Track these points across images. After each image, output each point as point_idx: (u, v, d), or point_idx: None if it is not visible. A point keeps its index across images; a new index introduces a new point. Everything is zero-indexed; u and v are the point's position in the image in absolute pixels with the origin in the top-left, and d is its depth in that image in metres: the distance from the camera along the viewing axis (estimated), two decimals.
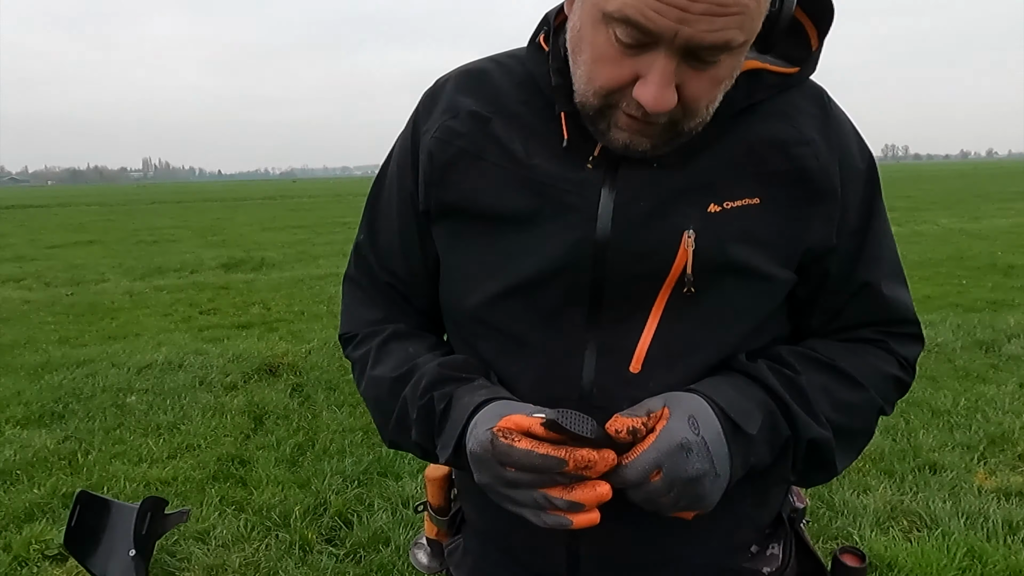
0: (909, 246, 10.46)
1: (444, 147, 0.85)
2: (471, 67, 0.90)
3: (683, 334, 0.79)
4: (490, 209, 0.83)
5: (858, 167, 0.85)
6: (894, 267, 0.89)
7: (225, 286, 8.45)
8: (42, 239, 14.71)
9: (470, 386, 0.81)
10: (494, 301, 0.83)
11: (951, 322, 5.75)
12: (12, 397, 4.42)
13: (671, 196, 0.78)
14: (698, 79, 0.71)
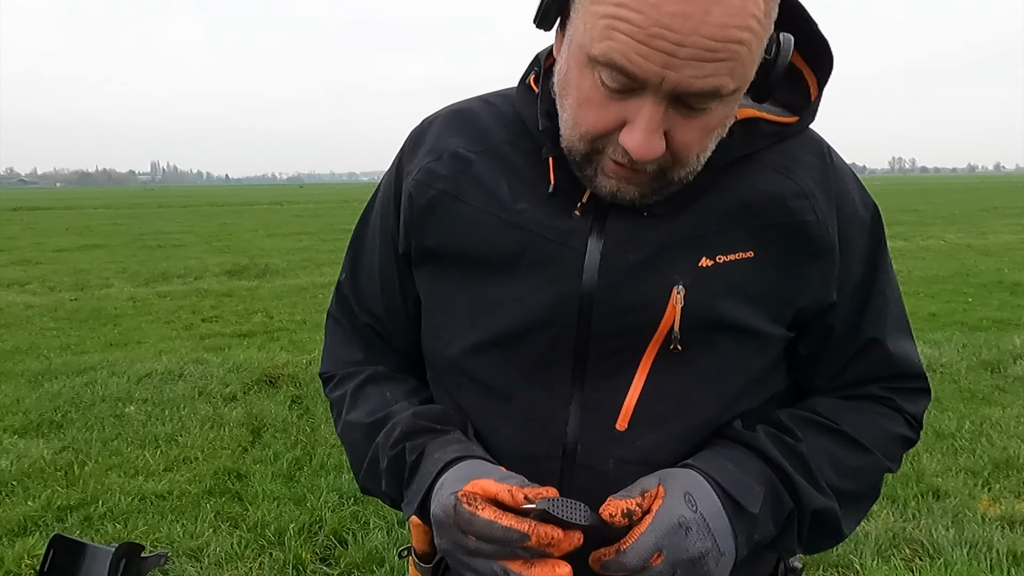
0: (915, 261, 10.41)
1: (424, 190, 0.83)
2: (459, 106, 0.88)
3: (671, 392, 0.77)
4: (471, 255, 0.80)
5: (861, 219, 0.82)
6: (900, 320, 0.86)
7: (228, 293, 8.45)
8: (48, 242, 14.75)
9: (443, 440, 0.78)
10: (475, 352, 0.81)
11: (956, 341, 5.70)
12: (11, 405, 4.41)
13: (661, 248, 0.76)
14: (687, 127, 0.68)
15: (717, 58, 0.63)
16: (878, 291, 0.83)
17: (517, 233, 0.78)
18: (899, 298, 0.87)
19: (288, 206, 31.71)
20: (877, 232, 0.84)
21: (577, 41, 0.69)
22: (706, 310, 0.75)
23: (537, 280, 0.77)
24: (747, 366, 0.79)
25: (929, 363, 5.10)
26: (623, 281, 0.75)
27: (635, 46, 0.63)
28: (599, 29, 0.65)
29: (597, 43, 0.66)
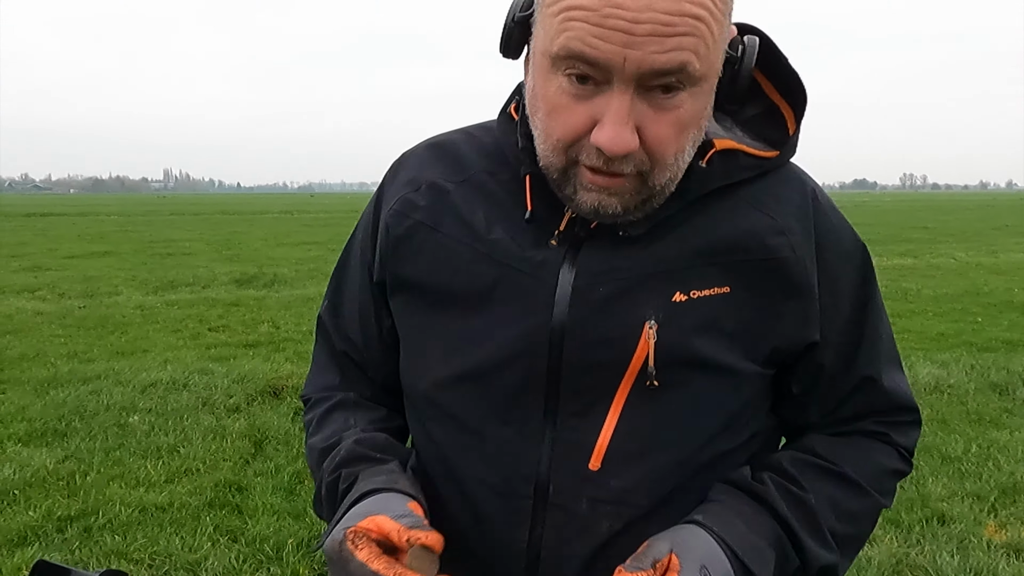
0: (924, 280, 10.35)
1: (401, 220, 0.83)
2: (439, 139, 0.89)
3: (645, 430, 0.75)
4: (444, 286, 0.80)
5: (848, 257, 0.82)
6: (892, 354, 0.86)
7: (236, 302, 8.48)
8: (60, 248, 14.86)
9: (375, 470, 0.78)
10: (447, 385, 0.80)
11: (964, 362, 5.65)
12: (17, 412, 4.43)
13: (634, 282, 0.74)
14: (659, 121, 0.67)
15: (676, 32, 0.63)
16: (871, 328, 0.83)
17: (489, 265, 0.77)
18: (890, 331, 0.86)
19: (298, 215, 31.86)
20: (865, 270, 0.83)
21: (539, 49, 0.70)
22: (679, 346, 0.74)
23: (508, 313, 0.76)
24: (723, 404, 0.78)
25: (936, 384, 5.06)
26: (594, 315, 0.74)
27: (591, 29, 0.63)
28: (556, 26, 0.65)
29: (556, 40, 0.65)
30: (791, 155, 0.81)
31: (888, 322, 0.87)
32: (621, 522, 0.75)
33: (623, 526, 0.75)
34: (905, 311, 8.12)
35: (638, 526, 0.75)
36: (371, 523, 0.68)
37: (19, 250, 14.43)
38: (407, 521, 0.69)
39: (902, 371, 0.87)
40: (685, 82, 0.66)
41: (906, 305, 8.48)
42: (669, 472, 0.76)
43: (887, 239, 17.63)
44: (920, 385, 5.04)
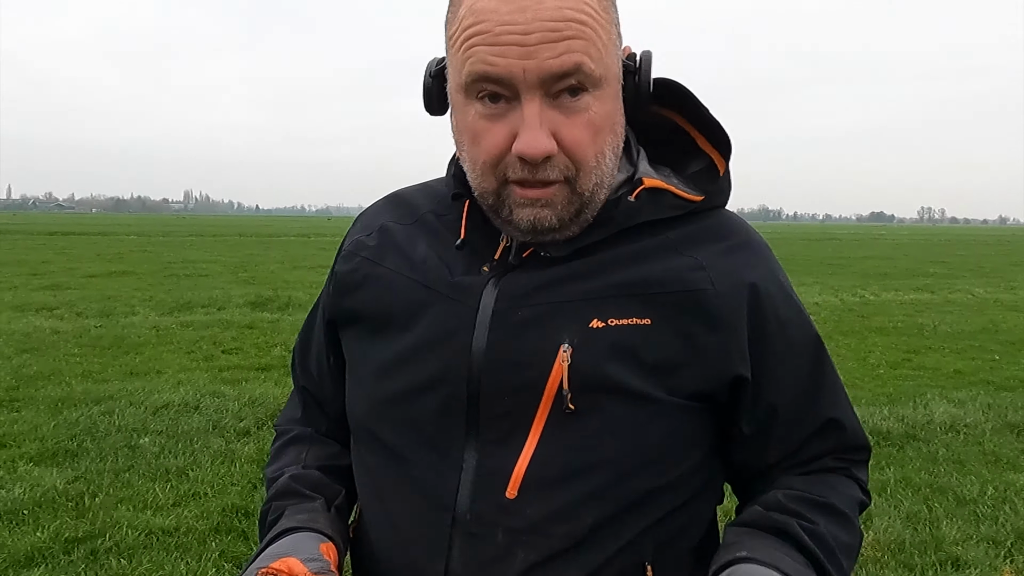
0: (941, 316, 10.24)
1: (351, 258, 0.89)
2: (398, 191, 0.95)
3: (562, 458, 0.74)
4: (382, 315, 0.83)
5: (786, 298, 0.83)
6: (844, 393, 0.88)
7: (250, 325, 8.54)
8: (80, 268, 15.05)
9: (299, 507, 0.82)
10: (377, 411, 0.82)
11: (981, 401, 5.58)
12: (29, 432, 4.47)
13: (554, 307, 0.76)
14: (571, 124, 0.71)
15: (564, 36, 0.68)
16: (825, 371, 0.85)
17: (420, 291, 0.81)
18: (836, 371, 0.88)
19: (315, 239, 32.14)
20: (802, 314, 0.85)
21: (453, 88, 0.75)
22: (594, 370, 0.73)
23: (433, 337, 0.78)
24: (642, 434, 0.76)
25: (952, 423, 4.99)
26: (511, 338, 0.75)
27: (489, 49, 0.69)
28: (461, 58, 0.71)
29: (462, 70, 0.71)
30: (719, 200, 0.84)
31: (833, 364, 0.89)
32: (537, 554, 0.73)
33: (540, 559, 0.73)
34: (921, 347, 8.03)
35: (557, 562, 0.74)
36: (282, 564, 0.71)
37: (40, 268, 14.64)
38: (315, 566, 0.72)
39: (853, 409, 0.89)
40: (586, 83, 0.71)
41: (922, 341, 8.40)
42: (584, 503, 0.74)
43: (904, 273, 17.50)
44: (936, 424, 4.97)
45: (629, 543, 0.75)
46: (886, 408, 5.35)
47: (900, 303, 11.75)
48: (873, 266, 19.91)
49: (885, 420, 5.02)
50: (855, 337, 8.58)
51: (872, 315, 10.29)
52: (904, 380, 6.48)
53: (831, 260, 22.32)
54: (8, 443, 4.28)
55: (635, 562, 0.76)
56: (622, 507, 0.75)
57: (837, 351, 7.75)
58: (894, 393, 5.90)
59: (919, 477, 4.04)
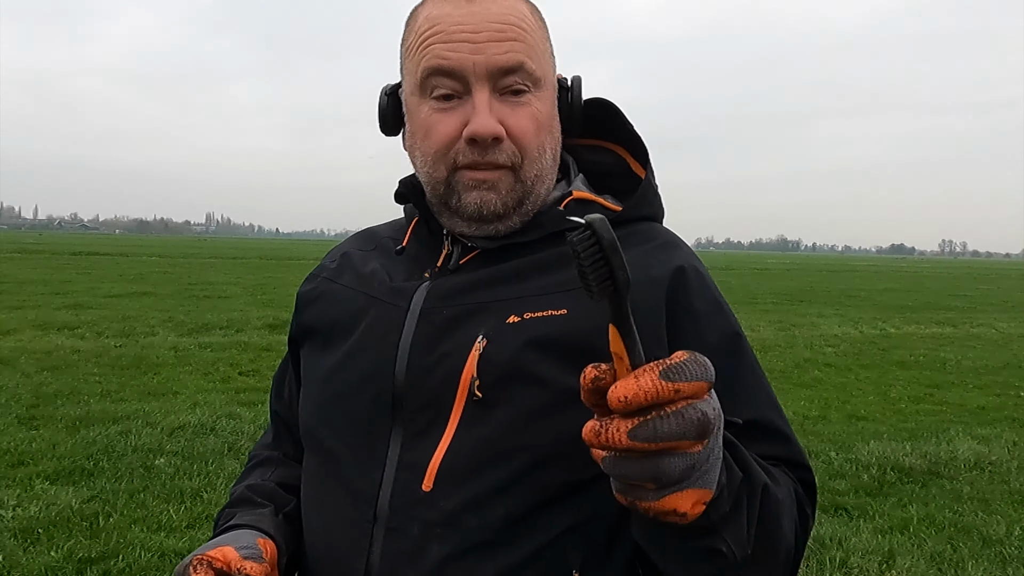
0: (963, 350, 10.09)
1: (311, 280, 0.96)
2: (368, 228, 1.04)
3: (476, 449, 0.74)
4: (328, 326, 0.88)
5: (699, 292, 0.81)
6: (770, 398, 0.81)
7: (267, 347, 8.58)
8: (101, 287, 15.24)
9: (251, 512, 0.86)
10: (317, 415, 0.85)
11: (1007, 438, 5.47)
12: (47, 450, 4.49)
13: (477, 307, 0.79)
14: (517, 115, 0.79)
15: (508, 37, 0.78)
16: (747, 369, 0.80)
17: (362, 299, 0.86)
18: (760, 371, 0.83)
19: None
20: (724, 309, 0.83)
21: (408, 93, 0.83)
22: (506, 360, 0.74)
23: (368, 339, 0.82)
24: (557, 424, 0.73)
25: (977, 460, 4.89)
26: (434, 336, 0.78)
27: (443, 46, 0.78)
28: (417, 58, 0.80)
29: (419, 68, 0.79)
30: (645, 211, 0.88)
31: (766, 380, 0.82)
32: (451, 547, 0.73)
33: (454, 552, 0.72)
34: (943, 382, 7.90)
35: (472, 556, 0.72)
36: (218, 552, 0.74)
37: (63, 287, 14.83)
38: (246, 552, 0.75)
39: (784, 418, 0.81)
40: (528, 82, 0.79)
41: (944, 376, 8.27)
42: (497, 494, 0.73)
43: (925, 307, 17.29)
44: (959, 461, 4.87)
45: (550, 544, 0.73)
46: (908, 444, 5.26)
47: (921, 336, 11.59)
48: (893, 299, 19.69)
49: (907, 456, 4.93)
50: (876, 370, 8.47)
51: (893, 348, 10.16)
52: (926, 415, 6.37)
53: (851, 292, 22.10)
54: (26, 460, 4.31)
55: (560, 567, 0.73)
56: (538, 500, 0.73)
57: (857, 384, 7.65)
58: (916, 428, 5.80)
59: (943, 516, 3.95)
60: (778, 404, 0.83)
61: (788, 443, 0.80)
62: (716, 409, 0.56)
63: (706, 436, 0.54)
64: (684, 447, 0.53)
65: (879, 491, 4.34)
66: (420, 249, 0.89)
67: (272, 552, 0.79)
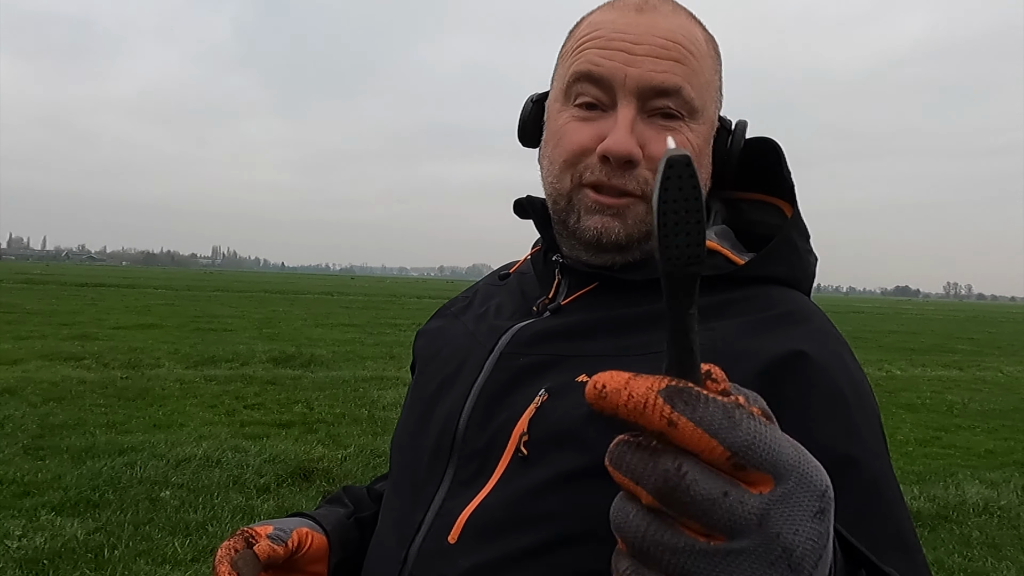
0: (970, 394, 10.04)
1: (442, 312, 0.96)
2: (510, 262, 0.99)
3: (504, 508, 0.68)
4: (430, 359, 0.87)
5: (828, 377, 0.66)
6: (902, 537, 0.62)
7: (272, 381, 8.59)
8: (108, 319, 15.30)
9: (327, 507, 0.90)
10: (397, 443, 0.86)
11: (1016, 483, 5.43)
12: (53, 481, 4.49)
13: (553, 358, 0.73)
14: (660, 140, 0.71)
15: (670, 56, 0.71)
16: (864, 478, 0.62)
17: (467, 337, 0.84)
18: (905, 514, 0.64)
19: (338, 297, 32.45)
20: (863, 409, 0.68)
21: (553, 98, 0.78)
22: (558, 419, 0.67)
23: (456, 378, 0.79)
24: (593, 492, 0.60)
25: (986, 505, 4.84)
26: (503, 384, 0.73)
27: (599, 52, 0.72)
28: (568, 64, 0.75)
29: (569, 70, 0.74)
30: (766, 269, 0.75)
31: (903, 507, 0.65)
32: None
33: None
34: (951, 425, 7.86)
35: None
36: (260, 528, 0.79)
37: (70, 319, 14.90)
38: (273, 534, 0.78)
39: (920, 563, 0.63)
40: (683, 110, 0.72)
41: (952, 419, 8.22)
42: (514, 563, 0.66)
43: (931, 349, 17.22)
44: (968, 505, 4.83)
45: None
46: (916, 487, 5.22)
47: (928, 379, 11.54)
48: (898, 340, 19.63)
49: (915, 500, 4.89)
50: (882, 413, 8.40)
51: (899, 391, 10.12)
52: (934, 459, 6.33)
53: (855, 333, 22.05)
54: (31, 491, 4.30)
55: None
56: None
57: None
58: (924, 472, 5.76)
59: (952, 560, 3.91)
60: (911, 545, 0.62)
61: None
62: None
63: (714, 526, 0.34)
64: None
65: None
66: (534, 280, 0.84)
67: (314, 544, 0.81)
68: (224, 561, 0.74)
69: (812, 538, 0.34)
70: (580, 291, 0.79)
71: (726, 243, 0.78)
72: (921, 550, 0.64)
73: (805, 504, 0.34)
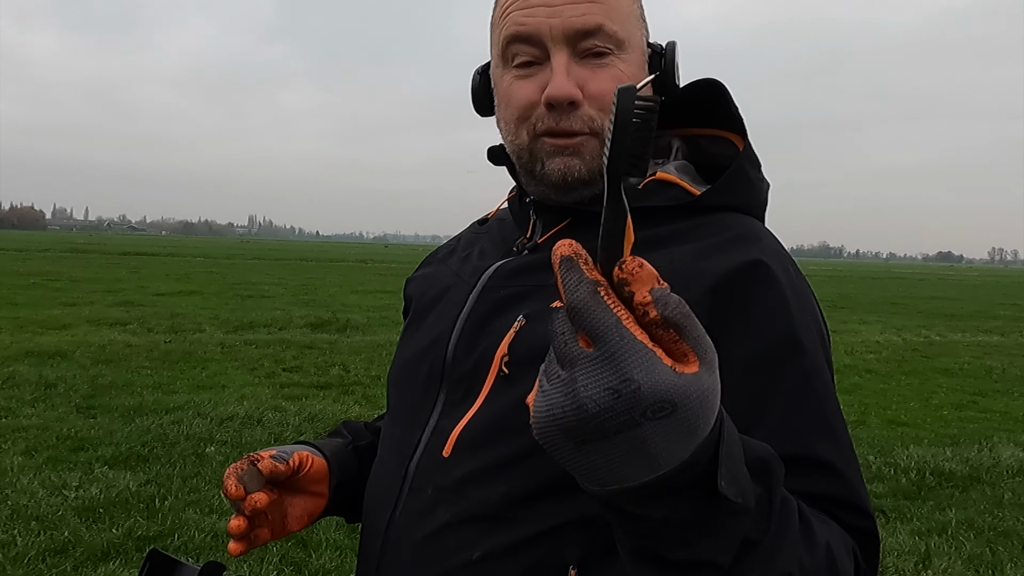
0: (1011, 359, 9.87)
1: (429, 259, 1.04)
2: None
3: (491, 422, 0.76)
4: (419, 301, 0.94)
5: (766, 296, 0.71)
6: (831, 423, 0.69)
7: (310, 345, 8.79)
8: (150, 286, 15.72)
9: (327, 438, 0.97)
10: (393, 376, 0.92)
11: None
12: (105, 436, 4.71)
13: (530, 288, 0.80)
14: (597, 78, 0.76)
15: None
16: (810, 387, 0.69)
17: (452, 278, 0.91)
18: (828, 391, 0.71)
19: (372, 264, 32.81)
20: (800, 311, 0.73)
21: (494, 65, 0.84)
22: (533, 340, 0.74)
23: (441, 314, 0.87)
24: None
25: (1020, 467, 4.83)
26: (485, 315, 0.81)
27: (522, 12, 0.77)
28: (498, 33, 0.80)
29: (500, 39, 0.79)
30: (722, 199, 0.81)
31: (826, 402, 0.70)
32: (452, 514, 0.75)
33: (455, 519, 0.75)
34: (988, 390, 7.76)
35: (469, 526, 0.74)
36: (264, 452, 0.84)
37: (114, 286, 15.34)
38: (276, 455, 0.84)
39: (845, 457, 0.69)
40: (610, 45, 0.77)
41: (990, 384, 8.11)
42: (501, 468, 0.73)
43: (972, 315, 16.88)
44: (1002, 467, 4.81)
45: (548, 533, 0.71)
46: (949, 449, 5.20)
47: (967, 345, 11.36)
48: (939, 306, 19.26)
49: (948, 461, 4.88)
50: (918, 377, 8.34)
51: (937, 356, 9.98)
52: (969, 422, 6.28)
53: (895, 299, 21.67)
54: (86, 446, 4.53)
55: (555, 558, 0.70)
56: (539, 485, 0.72)
57: (899, 390, 7.55)
58: (958, 435, 5.72)
59: (983, 520, 3.92)
60: (837, 431, 0.70)
61: (838, 478, 0.67)
62: None
63: None
64: None
65: (917, 495, 4.31)
66: (512, 225, 0.91)
67: (312, 466, 0.87)
68: (231, 476, 0.80)
69: (599, 402, 0.44)
70: (554, 229, 0.85)
71: (686, 177, 0.84)
72: (847, 435, 0.71)
73: (599, 375, 0.45)
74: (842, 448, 0.69)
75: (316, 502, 0.90)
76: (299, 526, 0.90)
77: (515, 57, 0.79)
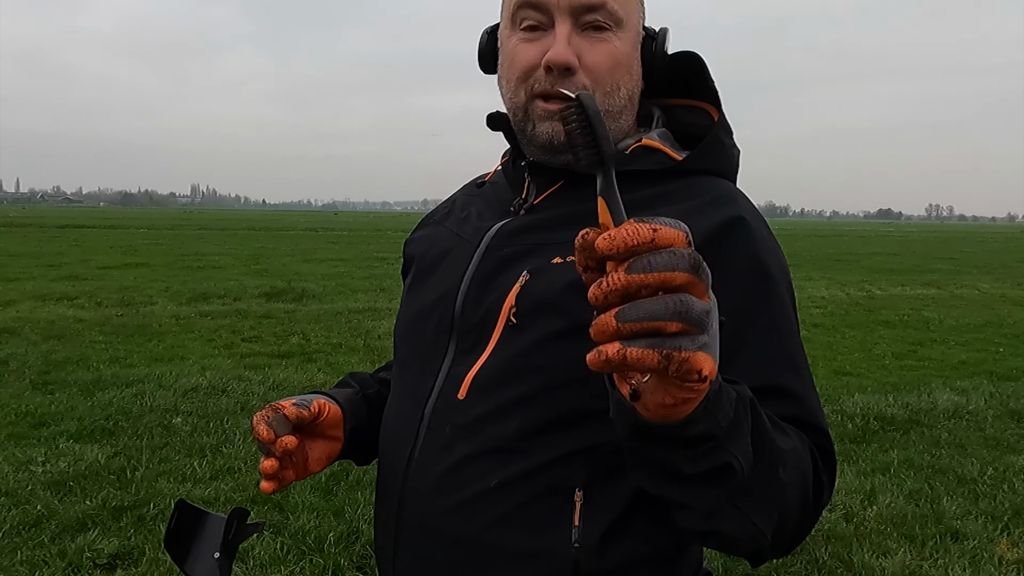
0: (947, 310, 10.37)
1: (422, 226, 1.09)
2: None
3: (502, 366, 0.84)
4: (422, 260, 1.01)
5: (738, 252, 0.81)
6: (793, 356, 0.81)
7: (267, 315, 8.73)
8: (94, 259, 15.27)
9: (337, 388, 1.03)
10: (401, 330, 1.00)
11: (984, 390, 5.74)
12: (66, 412, 4.66)
13: (531, 247, 0.88)
14: (594, 50, 0.84)
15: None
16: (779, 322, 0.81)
17: (453, 239, 0.98)
18: (792, 330, 0.83)
19: (323, 232, 32.34)
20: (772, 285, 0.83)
21: (502, 28, 0.91)
22: (541, 293, 0.83)
23: (446, 272, 0.94)
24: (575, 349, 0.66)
25: (955, 410, 5.14)
26: (491, 271, 0.89)
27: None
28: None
29: (513, 3, 0.86)
30: (708, 163, 0.90)
31: (790, 341, 0.82)
32: (470, 448, 0.83)
33: (472, 452, 0.83)
34: (926, 340, 8.17)
35: (486, 459, 0.82)
36: (285, 401, 0.90)
37: (56, 260, 14.85)
38: (299, 402, 0.90)
39: (806, 387, 0.81)
40: (610, 21, 0.84)
41: (928, 334, 8.54)
42: (514, 406, 0.82)
43: (911, 269, 17.60)
44: (939, 410, 5.13)
45: (557, 461, 0.80)
46: (891, 396, 5.51)
47: (906, 298, 11.88)
48: (880, 262, 20.00)
49: (890, 407, 5.18)
50: (861, 330, 8.73)
51: (878, 309, 10.43)
52: (909, 371, 6.64)
53: (838, 256, 22.41)
54: (47, 422, 4.47)
55: (564, 483, 0.80)
56: (549, 419, 0.81)
57: (843, 343, 7.90)
58: (899, 383, 6.05)
59: (922, 459, 4.20)
60: (799, 365, 0.81)
61: (800, 404, 0.79)
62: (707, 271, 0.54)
63: (700, 275, 0.53)
64: (681, 281, 0.52)
65: (862, 438, 4.58)
66: (507, 185, 0.98)
67: (329, 412, 0.94)
68: (261, 422, 0.86)
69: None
70: (548, 191, 0.93)
71: (667, 143, 0.92)
72: (808, 369, 0.83)
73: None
74: (804, 380, 0.81)
75: (333, 445, 0.97)
76: (319, 467, 0.96)
77: (523, 21, 0.86)
